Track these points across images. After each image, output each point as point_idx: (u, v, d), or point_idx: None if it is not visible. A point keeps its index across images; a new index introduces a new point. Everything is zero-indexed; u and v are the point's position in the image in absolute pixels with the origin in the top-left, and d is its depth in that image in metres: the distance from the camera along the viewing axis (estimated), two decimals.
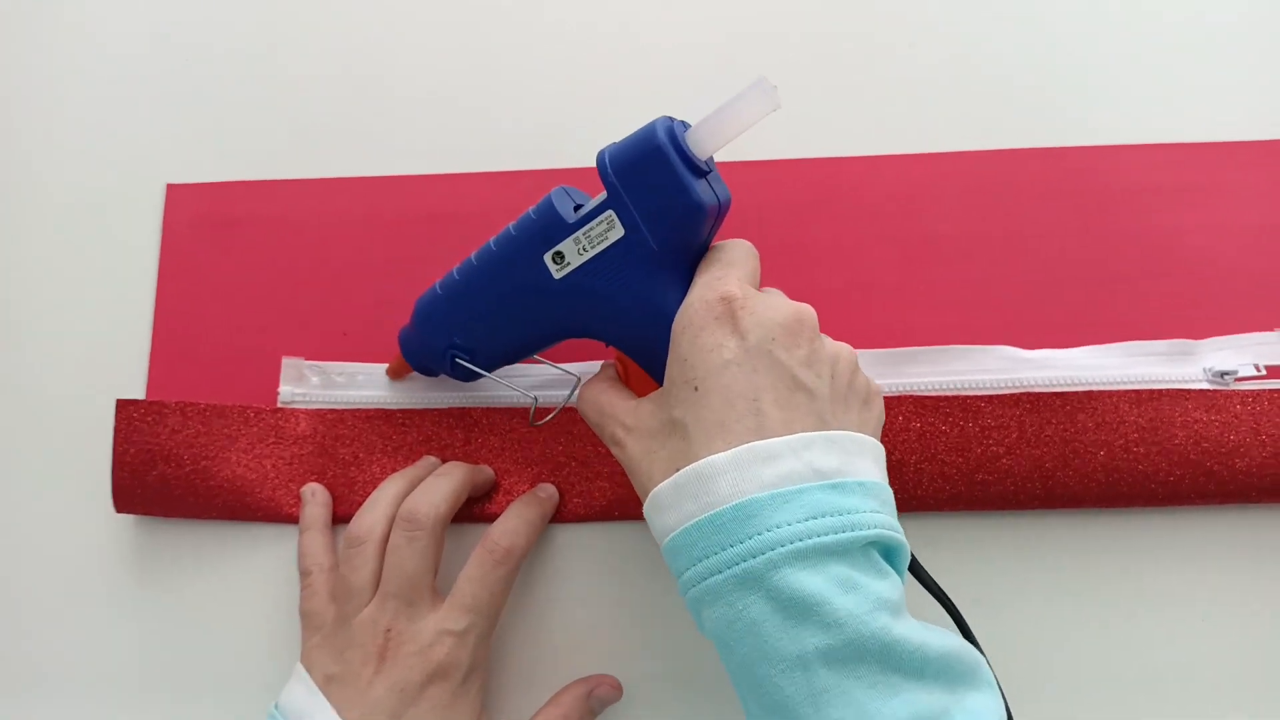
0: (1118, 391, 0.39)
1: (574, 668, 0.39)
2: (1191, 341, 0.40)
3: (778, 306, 0.32)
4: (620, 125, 0.45)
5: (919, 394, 0.40)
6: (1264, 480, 0.38)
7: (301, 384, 0.43)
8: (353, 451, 0.42)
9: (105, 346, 0.44)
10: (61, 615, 0.42)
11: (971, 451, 0.39)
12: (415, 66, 0.47)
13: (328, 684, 0.36)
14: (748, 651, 0.28)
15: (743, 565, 0.28)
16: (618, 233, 0.33)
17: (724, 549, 0.29)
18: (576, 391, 0.39)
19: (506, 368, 0.40)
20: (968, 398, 0.39)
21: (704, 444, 0.30)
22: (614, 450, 0.34)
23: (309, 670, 0.36)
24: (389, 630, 0.36)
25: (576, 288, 0.35)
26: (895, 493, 0.39)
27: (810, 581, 0.28)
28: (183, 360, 0.44)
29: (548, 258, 0.35)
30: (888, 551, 0.30)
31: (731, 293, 0.31)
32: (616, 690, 0.39)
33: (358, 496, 0.41)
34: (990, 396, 0.39)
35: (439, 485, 0.38)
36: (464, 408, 0.42)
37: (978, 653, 0.30)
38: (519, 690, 0.40)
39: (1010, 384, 0.40)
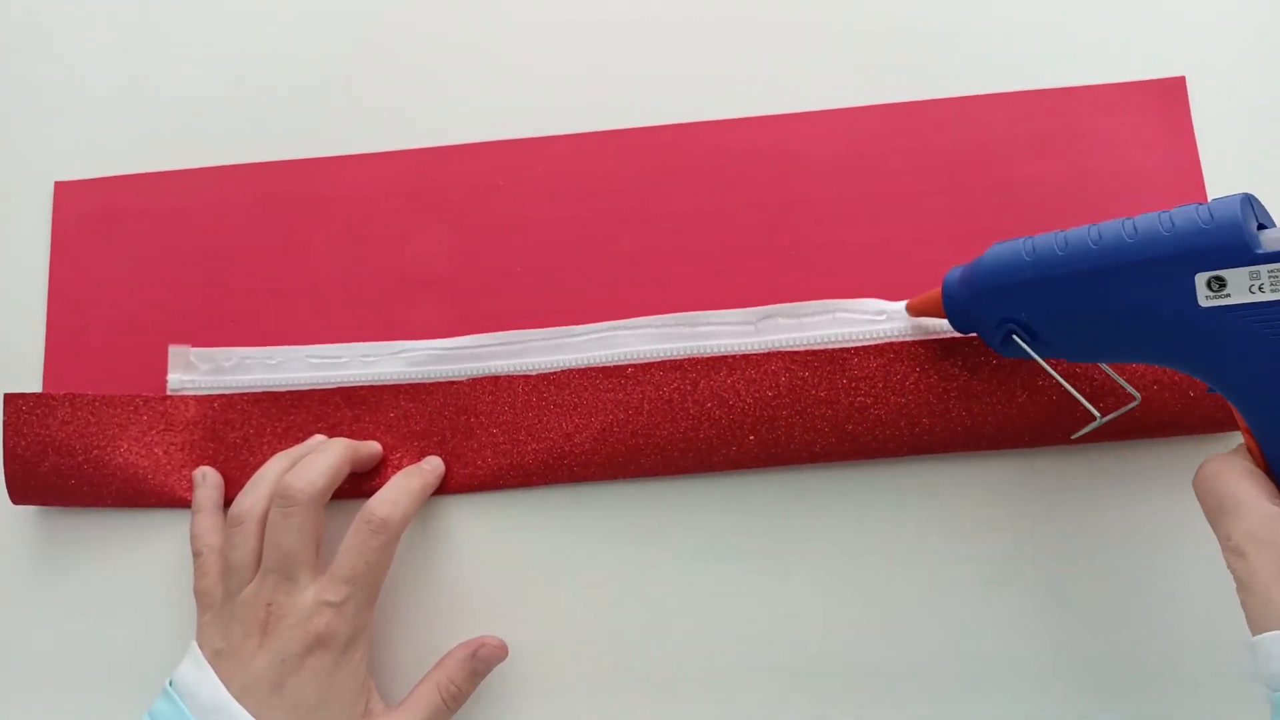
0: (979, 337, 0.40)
1: (461, 634, 0.40)
2: None
3: None
4: (495, 100, 0.46)
5: (788, 349, 0.41)
6: (1128, 421, 0.39)
7: (190, 371, 0.43)
8: (243, 434, 0.43)
9: (1, 344, 0.45)
10: None
11: (840, 403, 0.40)
12: (286, 50, 0.47)
13: (216, 658, 0.37)
14: None
15: None
16: None
17: None
18: (1123, 410, 0.35)
19: None
20: (835, 350, 0.40)
21: None
22: (1229, 555, 0.29)
23: (200, 646, 0.38)
24: (270, 605, 0.37)
25: (1223, 327, 0.29)
26: (766, 448, 0.40)
27: None
28: (77, 354, 0.44)
29: (1201, 278, 0.29)
30: None
31: None
32: (501, 650, 0.40)
33: (249, 478, 0.41)
34: (856, 348, 0.40)
35: (316, 462, 0.39)
36: (351, 386, 0.43)
37: None
38: (407, 658, 0.41)
39: (878, 335, 0.41)
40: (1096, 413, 0.36)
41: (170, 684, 0.37)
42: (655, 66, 0.46)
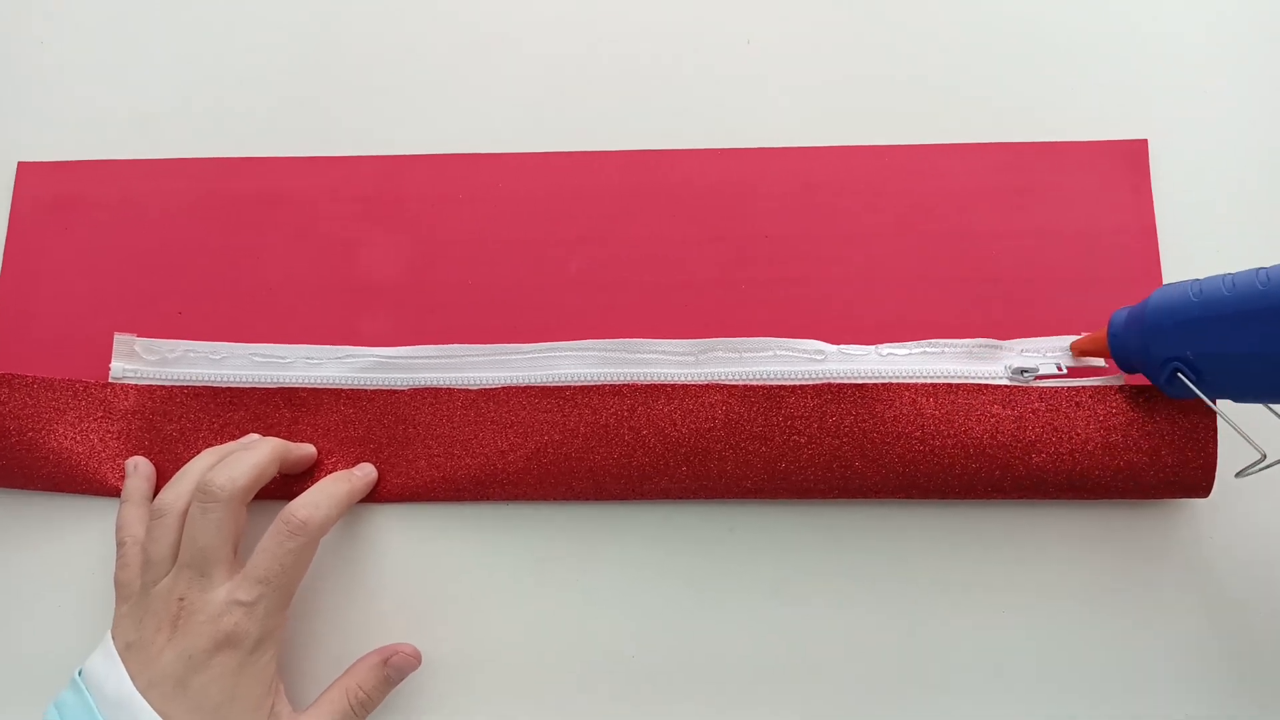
0: (916, 385, 0.40)
1: (378, 643, 0.40)
2: (996, 341, 0.41)
3: None
4: (459, 113, 0.46)
5: (727, 382, 0.41)
6: (1059, 476, 0.39)
7: (133, 360, 0.43)
8: (179, 428, 0.43)
9: None
10: None
11: (774, 440, 0.40)
12: (258, 49, 0.48)
13: (126, 650, 0.37)
14: None
15: None
16: None
17: None
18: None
19: None
20: (772, 387, 0.40)
21: None
22: None
23: (114, 638, 0.37)
24: (182, 600, 0.37)
25: None
26: (698, 480, 0.40)
27: None
28: (24, 336, 0.45)
29: None
30: None
31: None
32: (414, 658, 0.40)
33: None
34: (794, 386, 0.40)
35: (242, 459, 0.39)
36: (291, 387, 0.43)
37: None
38: (321, 663, 0.40)
39: (816, 375, 0.41)
40: (1263, 451, 0.36)
41: (79, 674, 0.37)
42: (621, 93, 0.46)
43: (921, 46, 0.46)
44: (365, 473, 0.41)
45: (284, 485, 0.41)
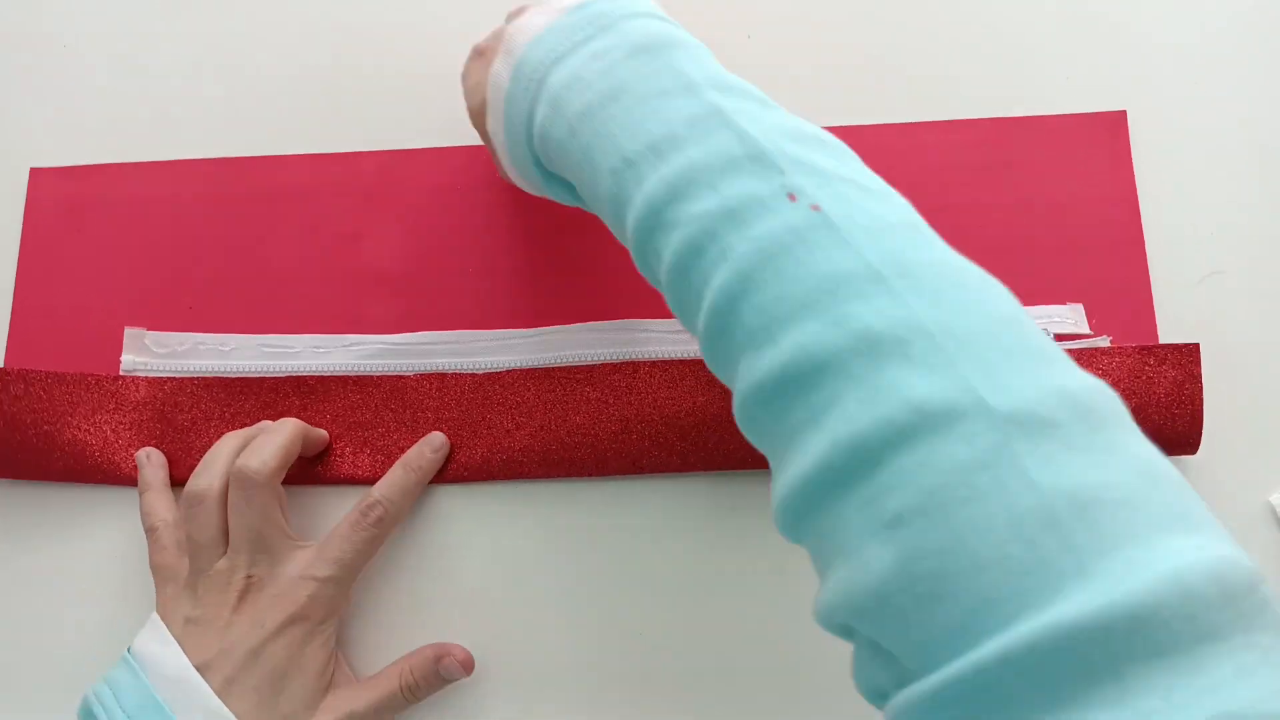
0: None
1: (384, 617, 0.41)
2: None
3: None
4: (453, 106, 0.47)
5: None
6: None
7: (143, 353, 0.45)
8: (190, 418, 0.44)
9: None
10: None
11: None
12: (262, 49, 0.49)
13: (186, 626, 0.38)
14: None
15: None
16: None
17: None
18: None
19: None
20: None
21: None
22: None
23: (167, 618, 0.38)
24: (249, 576, 0.38)
25: None
26: (697, 453, 0.41)
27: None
28: (40, 334, 0.46)
29: None
30: None
31: None
32: (465, 667, 0.40)
33: (194, 461, 0.42)
34: None
35: (269, 442, 0.40)
36: (300, 376, 0.44)
37: None
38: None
39: None
40: None
41: (129, 652, 0.38)
42: None
43: (902, 25, 0.47)
44: (439, 447, 0.42)
45: (299, 467, 0.42)
